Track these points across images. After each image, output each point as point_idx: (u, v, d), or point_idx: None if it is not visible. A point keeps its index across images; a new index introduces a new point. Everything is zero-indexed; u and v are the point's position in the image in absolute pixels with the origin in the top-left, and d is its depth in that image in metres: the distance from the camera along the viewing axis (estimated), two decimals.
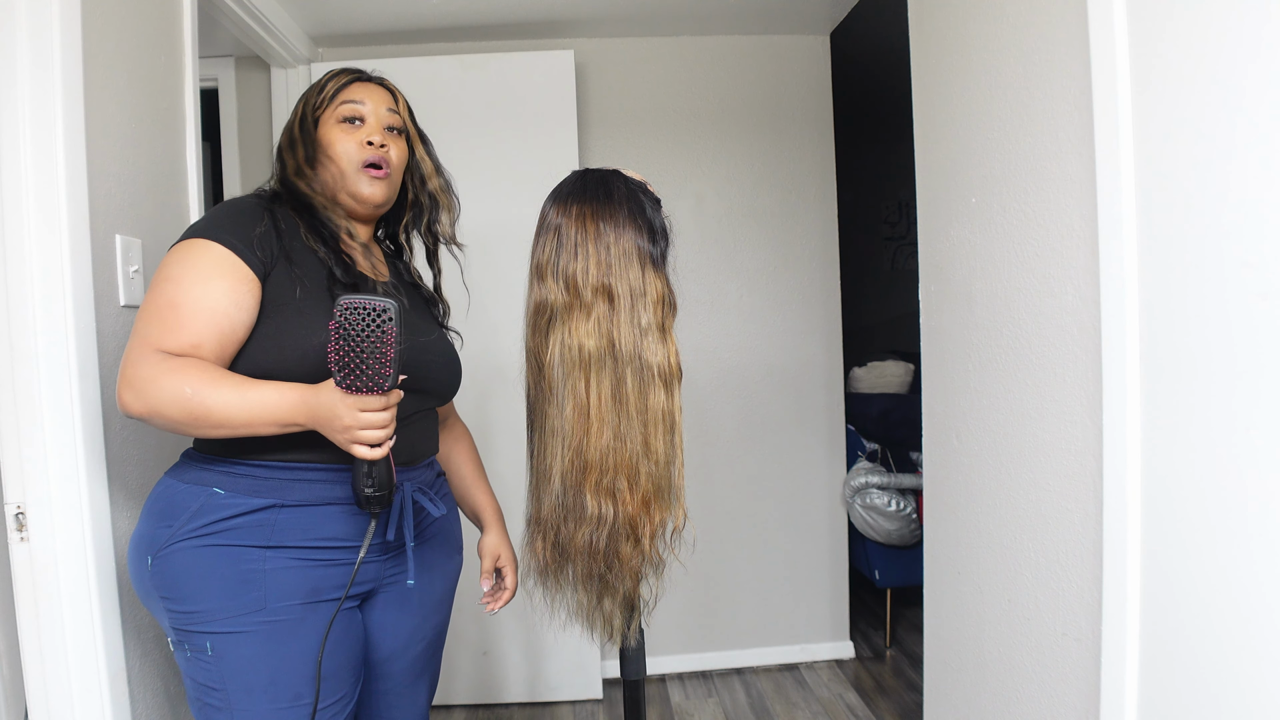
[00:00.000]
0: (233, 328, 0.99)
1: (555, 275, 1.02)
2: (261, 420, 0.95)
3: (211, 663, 1.00)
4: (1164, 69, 0.94)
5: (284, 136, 1.17)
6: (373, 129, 1.14)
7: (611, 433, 1.00)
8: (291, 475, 1.04)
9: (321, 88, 1.16)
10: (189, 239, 1.01)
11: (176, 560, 1.00)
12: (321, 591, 1.04)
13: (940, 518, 1.57)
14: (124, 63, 1.33)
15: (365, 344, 0.89)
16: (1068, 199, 1.14)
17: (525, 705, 2.42)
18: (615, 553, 1.02)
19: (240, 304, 0.99)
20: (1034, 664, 1.26)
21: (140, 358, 0.96)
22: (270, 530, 1.01)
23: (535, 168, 2.24)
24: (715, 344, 2.55)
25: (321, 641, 1.02)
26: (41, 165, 1.12)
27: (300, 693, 1.01)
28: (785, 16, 2.39)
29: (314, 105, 1.16)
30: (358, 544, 1.05)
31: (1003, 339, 1.32)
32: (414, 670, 1.22)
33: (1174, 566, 0.96)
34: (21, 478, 1.13)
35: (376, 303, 0.88)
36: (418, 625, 1.19)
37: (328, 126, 1.14)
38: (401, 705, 1.22)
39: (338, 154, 1.13)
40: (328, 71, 1.19)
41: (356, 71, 1.19)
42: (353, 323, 0.88)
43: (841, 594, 2.65)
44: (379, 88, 1.18)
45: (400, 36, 2.37)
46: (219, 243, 1.00)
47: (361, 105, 1.15)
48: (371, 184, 1.14)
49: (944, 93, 1.48)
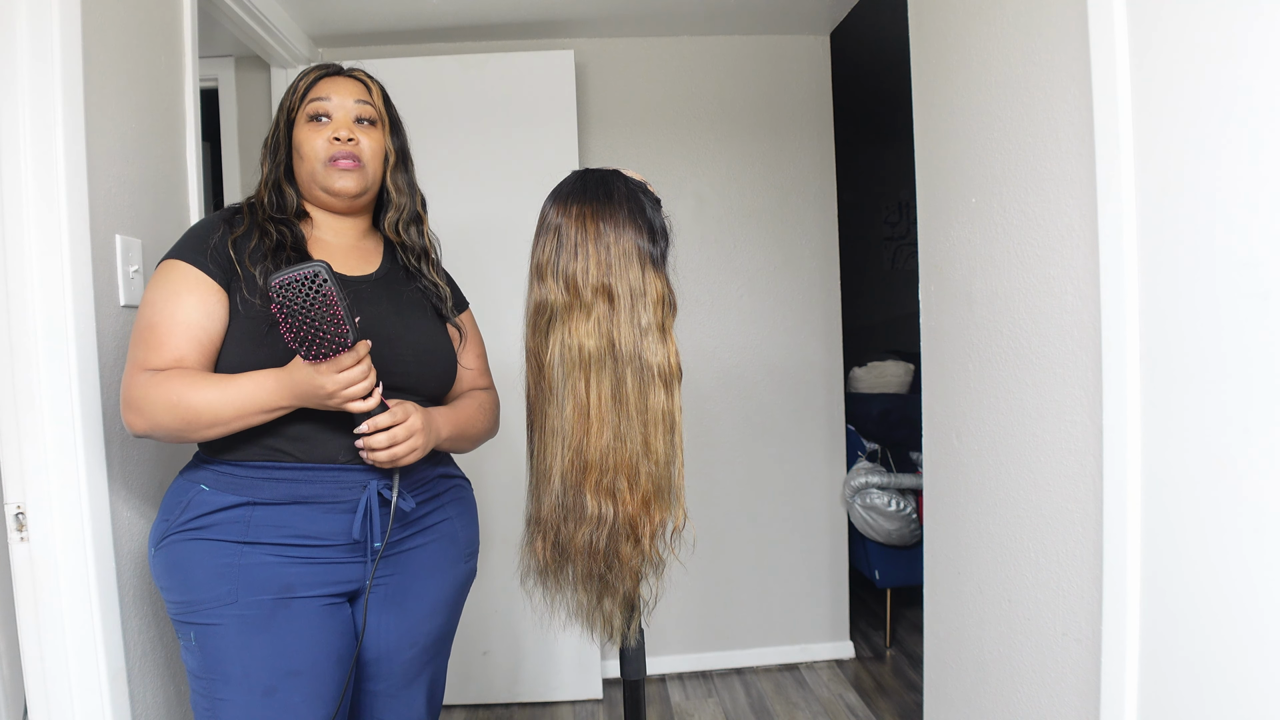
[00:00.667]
0: (209, 337, 1.06)
1: (555, 275, 1.02)
2: (249, 410, 1.01)
3: (195, 651, 1.05)
4: (1164, 69, 0.94)
5: (263, 145, 1.21)
6: (340, 123, 1.16)
7: (611, 432, 1.00)
8: (263, 474, 1.07)
9: (294, 88, 1.19)
10: (162, 262, 1.09)
11: (171, 552, 1.05)
12: (294, 589, 1.06)
13: (940, 518, 1.57)
14: (124, 63, 1.33)
15: (312, 312, 0.91)
16: (1068, 199, 1.14)
17: (525, 705, 2.42)
18: (615, 553, 1.02)
19: (211, 313, 1.06)
20: (1034, 664, 1.26)
21: (132, 379, 1.04)
22: (246, 526, 1.05)
23: (535, 168, 2.24)
24: (715, 344, 2.55)
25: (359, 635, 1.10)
26: (41, 165, 1.12)
27: (272, 687, 1.03)
28: (785, 16, 2.39)
29: (288, 107, 1.18)
30: (331, 542, 1.08)
31: (1003, 339, 1.32)
32: (407, 674, 1.20)
33: (1174, 566, 0.96)
34: (21, 478, 1.13)
35: (305, 270, 0.90)
36: (410, 628, 1.18)
37: (300, 126, 1.17)
38: (394, 708, 1.21)
39: (307, 152, 1.16)
40: (300, 71, 1.23)
41: (325, 67, 1.21)
42: (291, 297, 0.90)
43: (841, 594, 2.65)
44: (348, 80, 1.20)
45: (400, 36, 2.37)
46: (184, 260, 1.07)
47: (327, 101, 1.16)
48: (341, 176, 1.16)
49: (944, 93, 1.48)
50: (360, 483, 1.10)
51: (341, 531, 1.08)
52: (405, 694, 1.22)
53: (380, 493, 1.10)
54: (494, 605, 2.32)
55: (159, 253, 1.37)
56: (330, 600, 1.09)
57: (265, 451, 1.07)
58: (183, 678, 1.41)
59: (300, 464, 1.08)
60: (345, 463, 1.09)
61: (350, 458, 1.09)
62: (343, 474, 1.09)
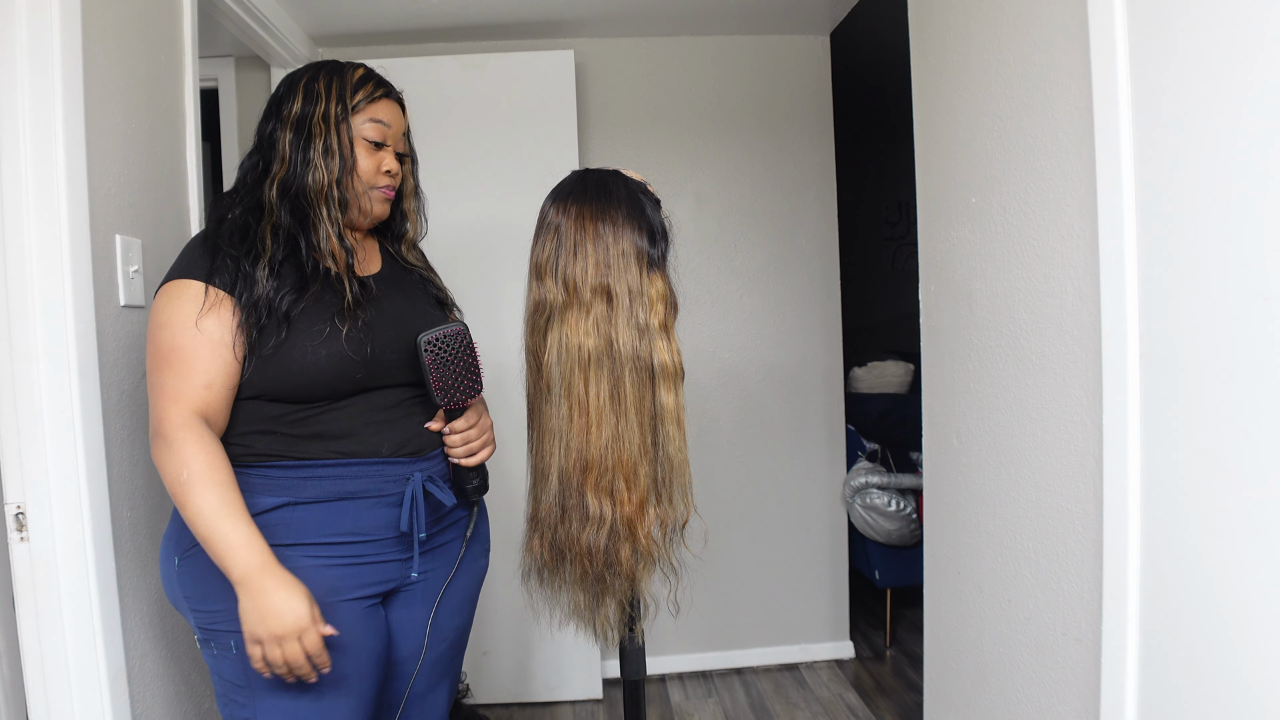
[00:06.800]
0: (233, 355, 1.03)
1: (554, 275, 1.02)
2: (213, 548, 0.97)
3: (237, 660, 1.02)
4: (1164, 69, 0.94)
5: (296, 133, 1.09)
6: (391, 154, 1.15)
7: (610, 433, 0.99)
8: (305, 473, 1.06)
9: (353, 93, 1.12)
10: (170, 282, 1.04)
11: (200, 561, 1.01)
12: (340, 591, 1.05)
13: (940, 518, 1.57)
14: (124, 63, 1.33)
15: (459, 364, 1.08)
16: (1068, 199, 1.14)
17: (525, 705, 2.42)
18: (615, 554, 1.02)
19: (232, 329, 1.03)
20: (1034, 664, 1.26)
21: (165, 414, 1.00)
22: (287, 528, 1.03)
23: (535, 168, 2.24)
24: (715, 344, 2.55)
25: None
26: (41, 165, 1.12)
27: (320, 692, 1.02)
28: (785, 16, 2.39)
29: (334, 115, 1.10)
30: (374, 537, 1.08)
31: (1003, 339, 1.32)
32: (435, 672, 1.21)
33: (1174, 566, 0.96)
34: (21, 478, 1.13)
35: (452, 329, 1.08)
36: (440, 624, 1.19)
37: (357, 141, 1.12)
38: (422, 708, 1.21)
39: (359, 171, 1.12)
40: (356, 72, 1.14)
41: (387, 85, 1.17)
42: (444, 351, 1.07)
43: (841, 594, 2.65)
44: (398, 107, 1.18)
45: (400, 36, 2.37)
46: (196, 279, 1.03)
47: (388, 128, 1.14)
48: (383, 203, 1.17)
49: (944, 93, 1.48)
50: (404, 475, 1.11)
51: (386, 525, 1.09)
52: (432, 694, 1.22)
53: (424, 485, 1.12)
54: (494, 605, 2.32)
55: (159, 252, 1.38)
56: (372, 602, 1.10)
57: (310, 448, 1.06)
58: (183, 678, 1.41)
59: (344, 460, 1.07)
60: (389, 455, 1.10)
61: (394, 451, 1.10)
62: (387, 468, 1.10)
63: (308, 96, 1.11)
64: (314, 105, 1.10)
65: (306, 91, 1.11)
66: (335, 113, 1.10)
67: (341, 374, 1.05)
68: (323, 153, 1.09)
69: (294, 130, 1.09)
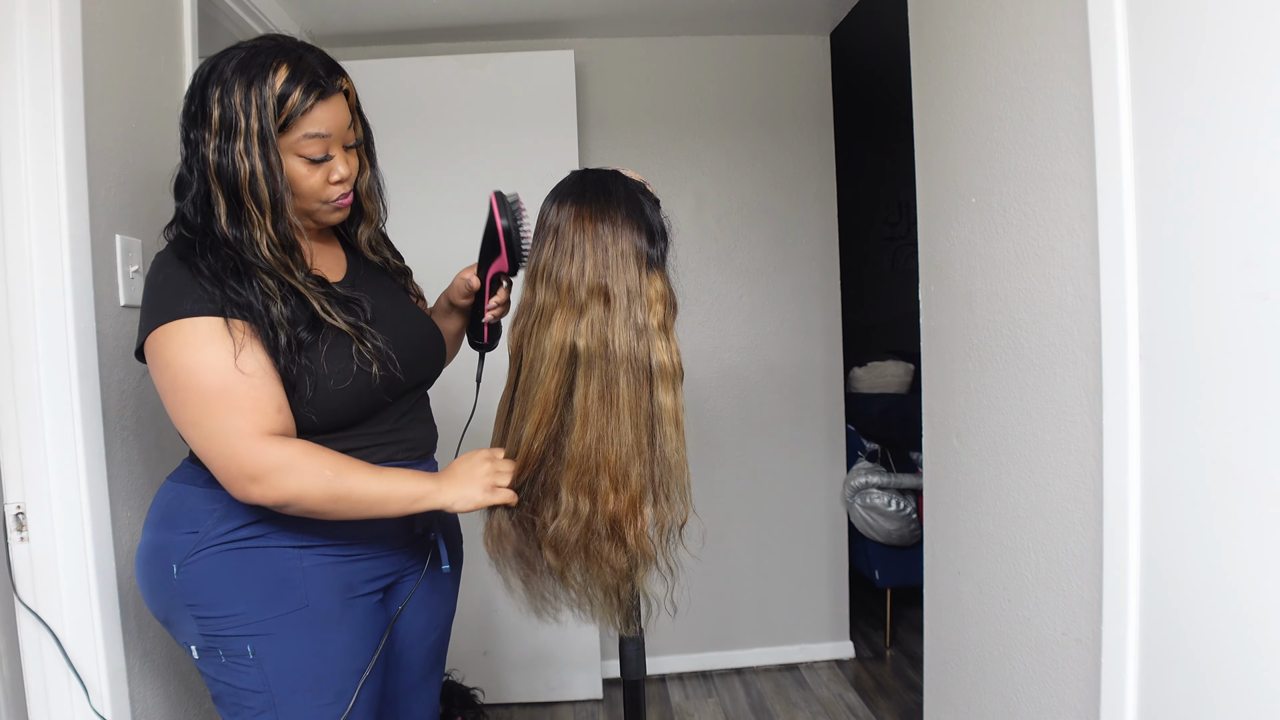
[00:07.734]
0: (278, 379, 0.96)
1: (551, 275, 1.01)
2: (396, 495, 1.00)
3: (254, 666, 0.99)
4: (1164, 68, 0.94)
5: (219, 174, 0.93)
6: (338, 161, 1.01)
7: (596, 434, 0.99)
8: None
9: (279, 107, 0.93)
10: (169, 324, 0.92)
11: (205, 566, 0.99)
12: (355, 587, 1.06)
13: (940, 518, 1.57)
14: (124, 63, 1.33)
15: (521, 225, 1.11)
16: (1068, 199, 1.14)
17: (525, 705, 2.42)
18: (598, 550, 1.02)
19: (267, 357, 0.95)
20: (1034, 664, 1.26)
21: (249, 447, 0.92)
22: (299, 530, 1.02)
23: (535, 168, 2.23)
24: (715, 344, 2.55)
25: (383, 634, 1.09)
26: (41, 165, 1.12)
27: (343, 689, 1.02)
28: (785, 16, 2.39)
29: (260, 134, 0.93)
30: (383, 536, 1.08)
31: (1003, 339, 1.32)
32: (428, 661, 1.22)
33: (1174, 566, 0.96)
34: (21, 478, 1.13)
35: (504, 193, 1.10)
36: (433, 614, 1.20)
37: (288, 157, 0.97)
38: (418, 697, 1.22)
39: (301, 191, 1.00)
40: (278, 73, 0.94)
41: (321, 83, 0.96)
42: (510, 210, 1.10)
43: (841, 594, 2.65)
44: (340, 99, 1.00)
45: (400, 36, 2.37)
46: (199, 316, 0.92)
47: (326, 138, 0.98)
48: (336, 212, 1.06)
49: (944, 93, 1.48)
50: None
51: (389, 532, 1.09)
52: (426, 683, 1.23)
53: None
54: (494, 606, 2.32)
55: None
56: (379, 596, 1.10)
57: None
58: (183, 678, 1.40)
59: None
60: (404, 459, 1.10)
61: (408, 456, 1.11)
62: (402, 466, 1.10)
63: (224, 119, 0.93)
64: (232, 134, 0.93)
65: (223, 111, 0.93)
66: (259, 135, 0.93)
67: (374, 399, 1.04)
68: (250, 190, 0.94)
69: (217, 172, 0.94)
